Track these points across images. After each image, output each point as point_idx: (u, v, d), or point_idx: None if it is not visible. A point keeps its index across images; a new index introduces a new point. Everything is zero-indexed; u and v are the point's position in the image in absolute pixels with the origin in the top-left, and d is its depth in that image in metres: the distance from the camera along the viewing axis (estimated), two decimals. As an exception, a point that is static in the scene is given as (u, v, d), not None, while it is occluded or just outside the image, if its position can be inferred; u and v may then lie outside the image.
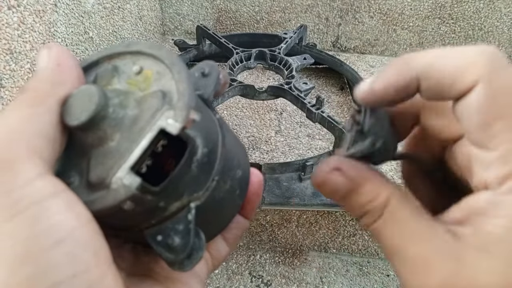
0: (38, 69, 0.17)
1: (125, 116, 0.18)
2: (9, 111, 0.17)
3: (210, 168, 0.20)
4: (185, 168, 0.18)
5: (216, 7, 1.03)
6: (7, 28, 0.50)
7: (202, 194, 0.19)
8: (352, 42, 1.04)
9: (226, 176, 0.21)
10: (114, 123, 0.17)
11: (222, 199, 0.21)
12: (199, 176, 0.19)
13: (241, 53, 0.79)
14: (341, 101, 0.88)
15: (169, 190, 0.18)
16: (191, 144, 0.18)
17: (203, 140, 0.19)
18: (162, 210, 0.18)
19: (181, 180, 0.18)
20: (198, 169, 0.19)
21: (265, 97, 0.72)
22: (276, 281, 0.76)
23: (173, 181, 0.18)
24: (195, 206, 0.19)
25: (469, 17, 0.97)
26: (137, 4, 0.89)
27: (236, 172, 0.22)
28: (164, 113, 0.17)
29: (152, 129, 0.17)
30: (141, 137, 0.17)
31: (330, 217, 0.74)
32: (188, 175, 0.18)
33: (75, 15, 0.65)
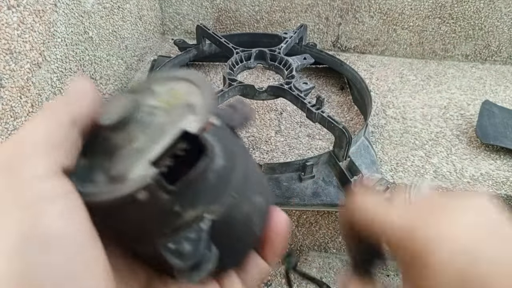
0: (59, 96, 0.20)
1: (152, 122, 0.19)
2: (27, 122, 0.19)
3: (228, 182, 0.20)
4: (202, 174, 0.18)
5: (216, 7, 1.02)
6: (7, 28, 0.50)
7: (218, 208, 0.19)
8: (352, 42, 1.04)
9: (244, 197, 0.21)
10: (141, 126, 0.19)
11: (238, 222, 0.21)
12: (215, 187, 0.19)
13: (241, 53, 0.79)
14: (341, 101, 0.88)
15: (184, 193, 0.18)
16: (210, 149, 0.18)
17: (223, 152, 0.19)
18: (177, 216, 0.18)
19: (197, 186, 0.18)
20: (215, 179, 0.19)
21: (265, 97, 0.72)
22: (276, 281, 0.76)
23: (189, 184, 0.18)
24: (211, 218, 0.19)
25: (469, 16, 0.97)
26: (137, 4, 0.89)
27: (255, 197, 0.22)
28: (187, 117, 0.19)
29: (174, 130, 0.18)
30: (164, 137, 0.18)
31: (330, 217, 0.74)
32: (204, 183, 0.19)
33: (75, 15, 0.65)
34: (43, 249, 0.16)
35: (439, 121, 0.81)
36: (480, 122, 0.76)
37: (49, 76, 0.59)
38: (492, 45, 1.00)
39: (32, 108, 0.55)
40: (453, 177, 0.68)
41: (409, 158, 0.71)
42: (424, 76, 0.95)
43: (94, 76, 0.73)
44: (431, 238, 0.20)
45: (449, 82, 0.94)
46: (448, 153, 0.73)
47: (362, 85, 0.80)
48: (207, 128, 0.18)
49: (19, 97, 0.53)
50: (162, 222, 0.18)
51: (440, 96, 0.88)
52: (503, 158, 0.72)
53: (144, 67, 0.94)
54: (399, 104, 0.85)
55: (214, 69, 0.96)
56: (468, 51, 1.01)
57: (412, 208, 0.23)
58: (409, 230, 0.21)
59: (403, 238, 0.22)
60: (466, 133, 0.78)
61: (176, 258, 0.18)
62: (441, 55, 1.03)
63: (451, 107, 0.85)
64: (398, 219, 0.22)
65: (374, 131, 0.77)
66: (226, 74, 0.72)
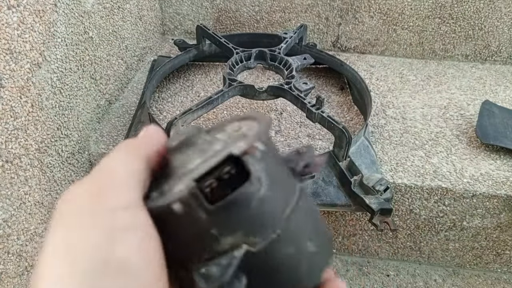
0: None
1: (209, 148, 0.20)
2: (109, 158, 0.20)
3: (273, 216, 0.19)
4: (242, 198, 0.18)
5: (216, 7, 1.03)
6: (7, 28, 0.50)
7: (259, 241, 0.19)
8: (352, 42, 1.04)
9: (291, 239, 0.20)
10: (199, 151, 0.20)
11: (279, 264, 0.19)
12: (257, 217, 0.19)
13: (241, 53, 0.79)
14: (341, 101, 0.88)
15: (223, 216, 0.18)
16: (253, 175, 0.18)
17: (270, 183, 0.19)
18: (214, 240, 0.18)
19: (237, 211, 0.18)
20: (257, 209, 0.18)
21: (265, 97, 0.72)
22: None
23: (228, 207, 0.18)
24: (247, 250, 0.18)
25: (469, 17, 0.97)
26: (137, 4, 0.89)
27: (306, 243, 0.20)
28: (237, 144, 0.19)
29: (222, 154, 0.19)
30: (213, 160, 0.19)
31: (330, 217, 0.74)
32: (245, 209, 0.18)
33: (75, 15, 0.65)
34: (114, 278, 0.16)
35: (439, 121, 0.81)
36: (480, 122, 0.76)
37: (49, 76, 0.59)
38: (492, 45, 1.00)
39: (32, 108, 0.56)
40: (453, 177, 0.68)
41: (409, 158, 0.71)
42: (424, 76, 0.95)
43: (94, 76, 0.73)
44: None
45: (449, 82, 0.94)
46: (448, 153, 0.73)
47: (362, 85, 0.80)
48: (251, 152, 0.18)
49: (19, 97, 0.53)
50: (200, 244, 0.18)
51: (440, 96, 0.88)
52: (503, 158, 0.72)
53: (144, 67, 0.94)
54: (399, 104, 0.85)
55: (214, 69, 0.96)
56: (468, 51, 1.01)
57: None
58: None
59: None
60: (466, 133, 0.78)
61: (201, 280, 0.18)
62: (441, 55, 1.03)
63: (451, 107, 0.85)
64: None
65: (374, 131, 0.77)
66: (226, 74, 0.72)
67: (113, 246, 0.17)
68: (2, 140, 0.51)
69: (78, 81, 0.67)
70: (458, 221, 0.70)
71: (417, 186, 0.67)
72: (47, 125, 0.59)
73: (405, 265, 0.78)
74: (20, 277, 0.57)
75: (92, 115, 0.73)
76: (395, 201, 0.69)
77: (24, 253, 0.57)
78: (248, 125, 0.22)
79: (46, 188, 0.60)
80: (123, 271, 0.16)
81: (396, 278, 0.76)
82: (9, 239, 0.54)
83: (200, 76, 0.94)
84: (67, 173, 0.65)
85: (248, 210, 0.18)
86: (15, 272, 0.55)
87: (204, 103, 0.66)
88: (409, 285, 0.74)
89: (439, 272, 0.77)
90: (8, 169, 0.52)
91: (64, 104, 0.63)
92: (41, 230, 0.60)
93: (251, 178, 0.18)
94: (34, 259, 0.59)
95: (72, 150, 0.66)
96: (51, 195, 0.61)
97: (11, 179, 0.53)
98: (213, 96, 0.67)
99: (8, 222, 0.53)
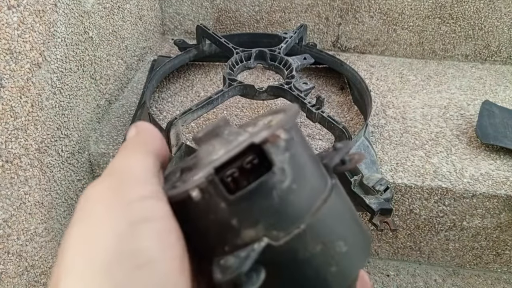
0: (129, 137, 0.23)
1: (234, 139, 0.20)
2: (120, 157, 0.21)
3: (297, 210, 0.18)
4: (264, 189, 0.17)
5: (216, 7, 1.03)
6: (7, 28, 0.50)
7: (281, 235, 0.18)
8: (352, 42, 1.04)
9: (318, 236, 0.19)
10: (224, 142, 0.20)
11: (306, 262, 0.18)
12: (280, 210, 0.18)
13: (241, 53, 0.79)
14: (341, 101, 0.88)
15: (243, 206, 0.17)
16: (277, 167, 0.18)
17: (296, 175, 0.18)
18: (235, 232, 0.18)
19: (258, 202, 0.18)
20: (280, 201, 0.18)
21: (265, 97, 0.72)
22: None
23: (248, 197, 0.17)
24: (268, 243, 0.18)
25: (469, 17, 0.97)
26: (137, 4, 0.89)
27: (336, 242, 0.19)
28: (260, 133, 0.18)
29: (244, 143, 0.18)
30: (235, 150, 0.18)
31: (330, 217, 0.74)
32: (267, 201, 0.18)
33: (75, 15, 0.65)
34: (135, 269, 0.16)
35: (439, 121, 0.81)
36: (480, 122, 0.76)
37: (49, 76, 0.59)
38: (492, 45, 1.00)
39: (32, 108, 0.55)
40: (453, 177, 0.68)
41: (409, 158, 0.71)
42: (424, 76, 0.95)
43: (94, 76, 0.73)
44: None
45: (449, 82, 0.94)
46: (448, 153, 0.73)
47: (362, 85, 0.80)
48: (273, 140, 0.18)
49: (19, 97, 0.53)
50: (220, 235, 0.18)
51: (440, 96, 0.88)
52: (503, 158, 0.72)
53: (144, 67, 0.94)
54: (399, 104, 0.85)
55: (214, 69, 0.96)
56: (468, 51, 1.01)
57: None
58: None
59: None
60: (466, 133, 0.78)
61: (218, 272, 0.18)
62: (441, 55, 1.03)
63: (451, 107, 0.85)
64: None
65: (374, 131, 0.77)
66: (226, 74, 0.72)
67: (134, 237, 0.17)
68: (2, 140, 0.51)
69: (78, 81, 0.67)
70: (458, 221, 0.70)
71: (417, 186, 0.67)
72: (47, 125, 0.59)
73: (405, 265, 0.78)
74: (20, 277, 0.57)
75: (92, 115, 0.73)
76: (395, 201, 0.69)
77: (24, 253, 0.57)
78: (278, 118, 0.21)
79: (46, 188, 0.60)
80: (143, 262, 0.16)
81: (396, 278, 0.76)
82: (9, 239, 0.54)
83: (200, 76, 0.94)
84: (67, 173, 0.65)
85: (270, 202, 0.18)
86: (15, 272, 0.55)
87: (204, 103, 0.66)
88: (409, 285, 0.74)
89: (439, 272, 0.77)
90: (8, 169, 0.52)
91: (64, 104, 0.63)
92: (41, 230, 0.60)
93: (274, 168, 0.18)
94: (34, 259, 0.59)
95: (72, 150, 0.66)
96: (51, 195, 0.61)
97: (11, 179, 0.53)
98: (213, 96, 0.67)
99: (8, 222, 0.53)
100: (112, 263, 0.16)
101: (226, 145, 0.19)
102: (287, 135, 0.18)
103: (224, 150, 0.19)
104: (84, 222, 0.17)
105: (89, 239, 0.16)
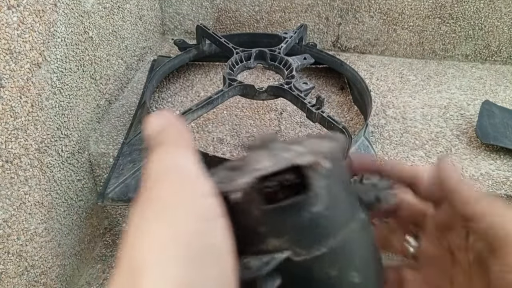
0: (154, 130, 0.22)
1: (279, 154, 0.21)
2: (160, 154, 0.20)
3: (323, 235, 0.19)
4: (295, 208, 0.19)
5: (216, 7, 1.03)
6: (7, 28, 0.50)
7: (302, 253, 0.19)
8: (352, 42, 1.04)
9: (336, 263, 0.20)
10: (270, 155, 0.21)
11: (319, 282, 0.20)
12: (306, 230, 0.19)
13: (241, 53, 0.79)
14: (341, 101, 0.88)
15: (273, 218, 0.19)
16: (312, 189, 0.19)
17: (329, 202, 0.19)
18: (261, 238, 0.19)
19: (287, 218, 0.19)
20: (308, 222, 0.19)
21: (265, 97, 0.72)
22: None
23: (280, 212, 0.18)
24: (289, 256, 0.19)
25: (469, 16, 0.97)
26: (137, 4, 0.89)
27: (351, 272, 0.20)
28: (305, 156, 0.20)
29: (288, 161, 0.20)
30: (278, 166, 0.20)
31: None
32: (295, 219, 0.19)
33: (74, 15, 0.65)
34: (206, 262, 0.17)
35: (439, 121, 0.81)
36: (480, 122, 0.76)
37: (49, 76, 0.59)
38: (492, 45, 1.00)
39: (32, 108, 0.55)
40: (453, 177, 0.68)
41: (409, 158, 0.71)
42: (424, 76, 0.95)
43: (94, 76, 0.73)
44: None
45: (449, 82, 0.94)
46: (448, 153, 0.73)
47: (362, 85, 0.80)
48: (315, 166, 0.19)
49: (19, 97, 0.53)
50: (250, 238, 0.19)
51: (440, 96, 0.88)
52: (503, 158, 0.72)
53: (144, 67, 0.94)
54: (399, 104, 0.85)
55: (214, 69, 0.96)
56: (468, 51, 1.01)
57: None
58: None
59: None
60: (466, 133, 0.78)
61: (241, 270, 0.19)
62: (441, 55, 1.03)
63: (451, 107, 0.85)
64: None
65: (374, 131, 0.77)
66: (226, 74, 0.72)
67: (209, 234, 0.18)
68: (2, 140, 0.51)
69: (78, 81, 0.67)
70: (458, 221, 0.70)
71: (417, 186, 0.67)
72: (47, 125, 0.59)
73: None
74: (20, 277, 0.57)
75: (92, 115, 0.73)
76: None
77: (24, 253, 0.57)
78: (324, 144, 0.23)
79: (46, 188, 0.60)
80: (212, 257, 0.17)
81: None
82: (9, 239, 0.54)
83: (200, 76, 0.94)
84: (67, 173, 0.65)
85: (298, 221, 0.19)
86: (15, 272, 0.55)
87: (204, 103, 0.66)
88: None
89: (439, 272, 0.77)
90: (8, 169, 0.52)
91: (64, 104, 0.63)
92: (41, 230, 0.60)
93: (309, 191, 0.19)
94: (34, 259, 0.59)
95: (72, 150, 0.66)
96: (51, 195, 0.61)
97: (11, 179, 0.53)
98: (213, 96, 0.67)
99: (8, 222, 0.53)
100: (194, 259, 0.17)
101: (271, 158, 0.21)
102: (329, 165, 0.20)
103: (269, 162, 0.20)
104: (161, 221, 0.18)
105: (170, 237, 0.17)
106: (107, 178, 0.66)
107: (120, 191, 0.64)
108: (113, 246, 0.77)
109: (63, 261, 0.66)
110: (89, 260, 0.74)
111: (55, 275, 0.64)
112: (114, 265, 0.74)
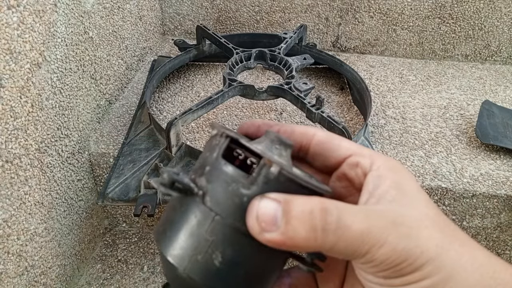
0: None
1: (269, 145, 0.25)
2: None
3: (228, 203, 0.22)
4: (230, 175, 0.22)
5: (216, 7, 1.03)
6: (7, 28, 0.50)
7: (202, 183, 0.23)
8: (352, 42, 1.04)
9: (219, 245, 0.22)
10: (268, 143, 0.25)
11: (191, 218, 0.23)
12: (224, 191, 0.22)
13: (241, 53, 0.79)
14: (341, 101, 0.88)
15: (215, 166, 0.23)
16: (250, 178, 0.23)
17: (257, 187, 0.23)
18: (200, 168, 0.24)
19: (220, 174, 0.23)
20: (224, 186, 0.23)
21: (265, 97, 0.72)
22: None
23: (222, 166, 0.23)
24: (191, 187, 0.23)
25: (469, 17, 0.97)
26: (137, 4, 0.89)
27: (214, 252, 0.22)
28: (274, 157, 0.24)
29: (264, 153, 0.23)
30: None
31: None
32: (221, 177, 0.23)
33: (75, 15, 0.65)
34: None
35: (439, 121, 0.81)
36: (480, 122, 0.76)
37: (49, 76, 0.59)
38: (492, 45, 1.00)
39: (32, 108, 0.56)
40: (452, 177, 0.68)
41: (409, 158, 0.71)
42: (424, 76, 0.95)
43: (94, 76, 0.73)
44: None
45: (449, 82, 0.94)
46: (448, 153, 0.73)
47: (362, 85, 0.80)
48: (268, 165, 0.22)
49: (19, 97, 0.53)
50: (198, 163, 0.25)
51: (440, 96, 0.88)
52: (503, 158, 0.72)
53: (144, 67, 0.94)
54: (399, 104, 0.85)
55: (214, 69, 0.96)
56: (468, 51, 1.02)
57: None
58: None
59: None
60: (466, 133, 0.78)
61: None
62: (441, 55, 1.03)
63: (451, 107, 0.85)
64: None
65: (374, 131, 0.77)
66: (226, 74, 0.72)
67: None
68: (2, 140, 0.51)
69: (78, 81, 0.67)
70: (458, 221, 0.70)
71: (417, 186, 0.67)
72: (47, 125, 0.59)
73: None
74: (20, 277, 0.57)
75: (92, 115, 0.73)
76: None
77: (24, 253, 0.57)
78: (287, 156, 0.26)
79: (46, 188, 0.60)
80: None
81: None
82: (9, 239, 0.54)
83: (200, 76, 0.94)
84: (67, 173, 0.65)
85: (221, 180, 0.23)
86: (15, 272, 0.55)
87: (204, 103, 0.66)
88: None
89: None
90: (8, 169, 0.52)
91: (64, 104, 0.63)
92: (41, 230, 0.60)
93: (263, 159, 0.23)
94: (34, 259, 0.59)
95: (72, 150, 0.66)
96: (51, 195, 0.61)
97: (11, 179, 0.53)
98: (213, 96, 0.67)
99: (8, 222, 0.53)
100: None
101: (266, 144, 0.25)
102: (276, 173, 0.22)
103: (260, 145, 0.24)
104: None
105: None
106: (107, 178, 0.66)
107: (120, 191, 0.64)
108: (113, 246, 0.77)
109: (63, 261, 0.66)
110: (89, 260, 0.74)
111: (55, 275, 0.64)
112: (114, 265, 0.74)
